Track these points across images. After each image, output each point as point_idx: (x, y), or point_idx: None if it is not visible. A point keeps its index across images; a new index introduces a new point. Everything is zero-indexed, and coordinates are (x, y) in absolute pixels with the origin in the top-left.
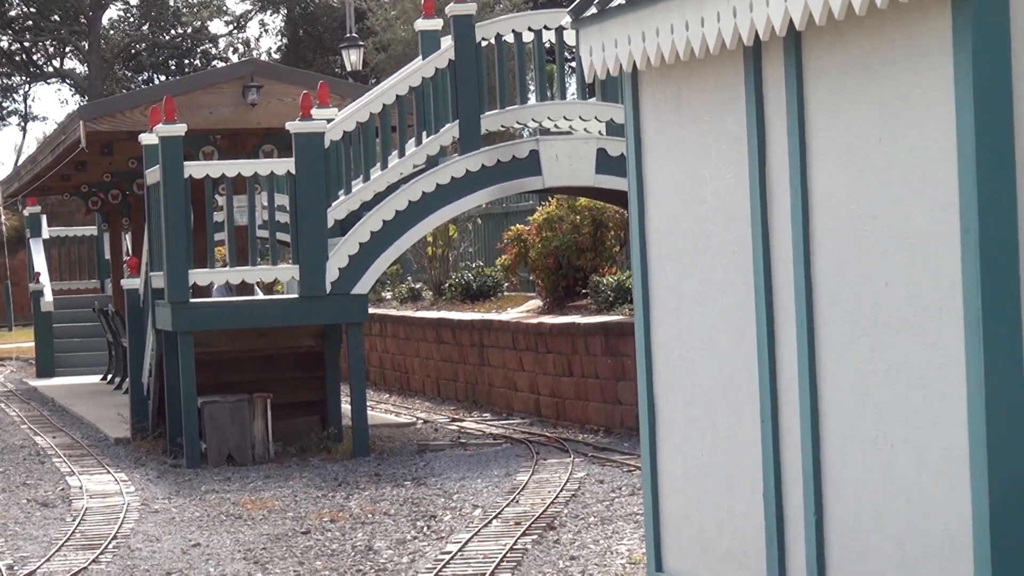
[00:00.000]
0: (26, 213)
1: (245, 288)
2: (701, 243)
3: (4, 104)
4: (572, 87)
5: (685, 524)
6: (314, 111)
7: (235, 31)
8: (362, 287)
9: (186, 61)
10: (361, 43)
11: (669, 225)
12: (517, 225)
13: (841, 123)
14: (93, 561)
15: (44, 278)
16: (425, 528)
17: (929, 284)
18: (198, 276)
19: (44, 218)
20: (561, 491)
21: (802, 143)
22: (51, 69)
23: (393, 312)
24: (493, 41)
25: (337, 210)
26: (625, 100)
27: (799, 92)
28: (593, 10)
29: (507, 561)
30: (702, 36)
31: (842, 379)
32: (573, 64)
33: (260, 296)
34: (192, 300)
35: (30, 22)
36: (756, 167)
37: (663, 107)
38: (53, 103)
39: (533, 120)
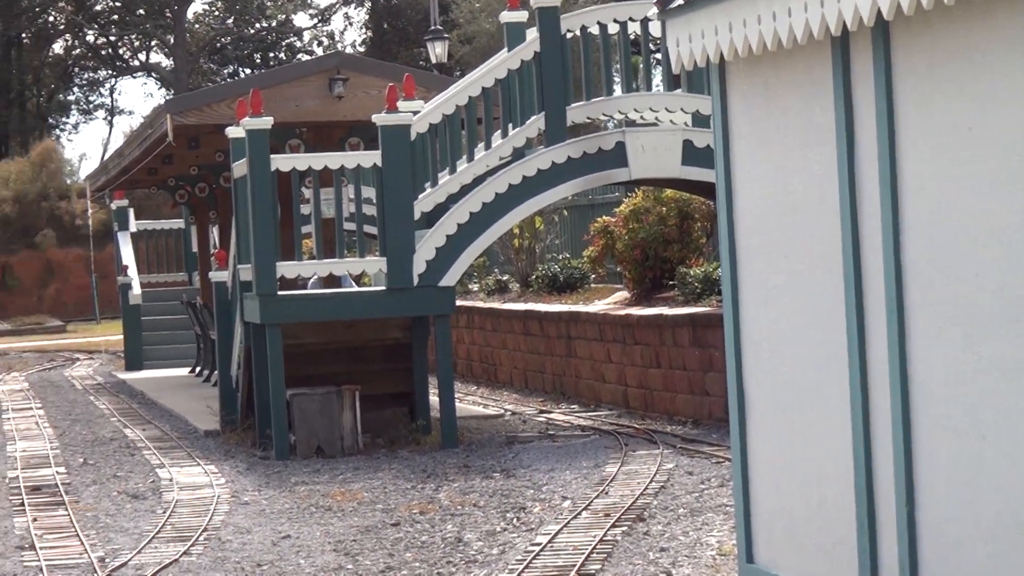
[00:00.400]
0: (113, 207)
1: (332, 280)
2: (790, 234)
3: (91, 98)
4: (657, 78)
5: (776, 516)
6: (400, 104)
7: (320, 24)
8: (449, 279)
9: (271, 54)
10: (446, 35)
11: (757, 216)
12: (603, 217)
13: (930, 114)
14: (184, 553)
15: (132, 271)
16: (515, 520)
17: (1020, 276)
18: (285, 268)
19: (131, 211)
20: (650, 482)
21: (891, 134)
22: (137, 63)
23: (480, 304)
24: (578, 33)
25: (424, 203)
26: (712, 91)
27: (888, 83)
28: (680, 1)
29: (597, 553)
30: (790, 26)
31: (932, 370)
32: (658, 55)
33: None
34: (280, 292)
35: (116, 16)
36: (845, 158)
37: (751, 98)
38: (139, 97)
39: (619, 112)
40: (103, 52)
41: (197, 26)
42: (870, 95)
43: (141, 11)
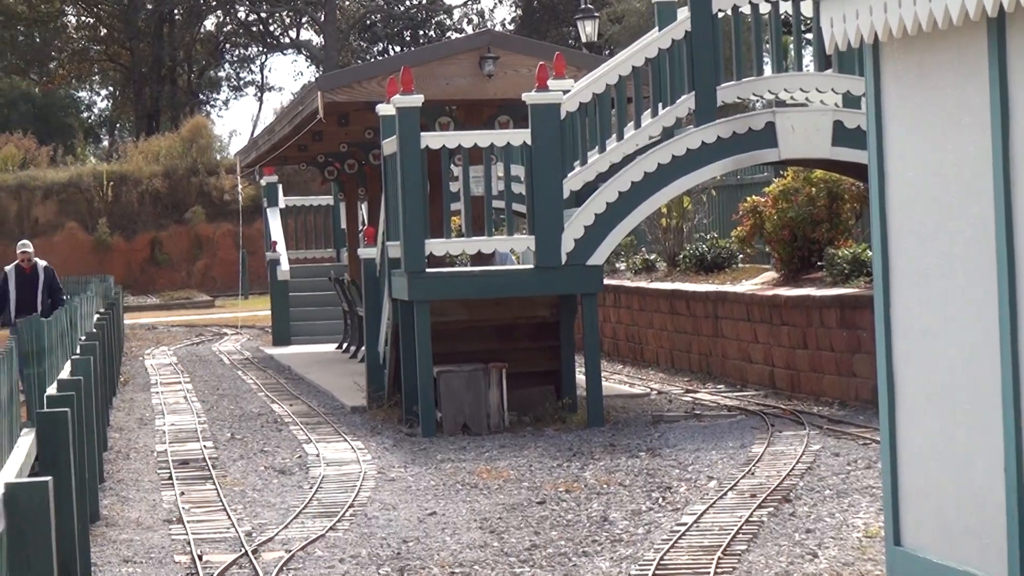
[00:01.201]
0: (263, 183)
1: (480, 258)
2: (942, 215)
3: (241, 75)
4: (807, 58)
5: (924, 499)
6: (550, 82)
7: (470, 2)
8: (597, 258)
9: (420, 32)
10: (596, 14)
11: (910, 197)
12: (752, 196)
13: None
14: (331, 529)
15: (280, 247)
16: (660, 499)
17: None
18: (434, 246)
19: (280, 188)
20: (796, 464)
21: None
22: (287, 40)
23: (627, 283)
24: (729, 12)
25: (572, 181)
26: (866, 71)
27: None
28: None
29: (743, 533)
30: (945, 6)
31: None
32: (809, 36)
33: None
34: (428, 270)
35: None
36: (999, 139)
37: (904, 78)
38: (288, 74)
39: (769, 92)
40: (254, 29)
41: (347, 3)
42: None
43: None
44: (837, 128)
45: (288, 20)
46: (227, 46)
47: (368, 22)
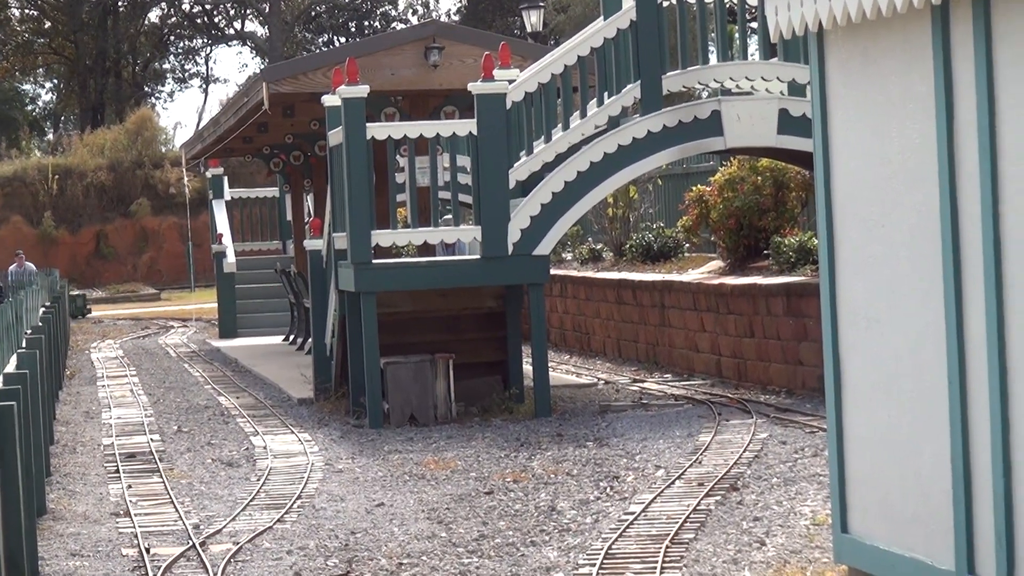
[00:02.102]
0: (208, 175)
1: (426, 249)
2: (887, 203)
3: (186, 67)
4: (753, 47)
5: (870, 486)
6: (496, 72)
7: None
8: (543, 248)
9: (366, 23)
10: (541, 3)
11: (855, 185)
12: (698, 186)
13: None
14: (278, 520)
15: (226, 239)
16: (608, 488)
17: None
18: (381, 237)
19: (226, 180)
20: (744, 452)
21: (991, 102)
22: (232, 32)
23: (574, 273)
24: (674, 1)
25: (519, 171)
26: (811, 59)
27: (987, 50)
28: None
29: (691, 522)
30: None
31: None
32: (754, 24)
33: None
34: (375, 261)
35: None
36: (944, 126)
37: (849, 66)
38: (233, 66)
39: (714, 80)
40: (198, 20)
41: None
42: (969, 63)
43: None
44: (783, 116)
45: (233, 11)
46: (172, 38)
47: (313, 13)
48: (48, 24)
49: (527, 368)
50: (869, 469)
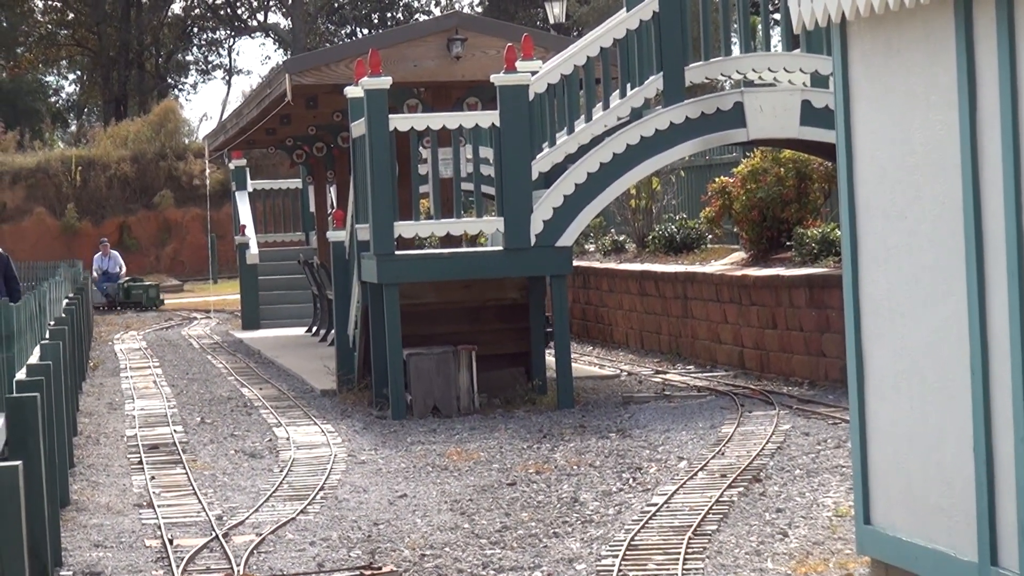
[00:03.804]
0: (231, 166)
1: (450, 240)
2: (910, 194)
3: (209, 58)
4: (775, 38)
5: (893, 477)
6: (518, 64)
7: None
8: (566, 239)
9: (388, 14)
10: None
11: (878, 176)
12: (721, 177)
13: None
14: (301, 512)
15: (249, 231)
16: (631, 480)
17: None
18: (403, 228)
19: (248, 171)
20: (767, 443)
21: (1014, 94)
22: (255, 23)
23: (597, 264)
24: None
25: (541, 163)
26: (834, 51)
27: (1011, 42)
28: None
29: (713, 513)
30: None
31: None
32: (777, 16)
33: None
34: (397, 252)
35: None
36: (966, 118)
37: (872, 58)
38: (256, 57)
39: (737, 72)
40: (221, 12)
41: None
42: (992, 54)
43: None
44: (805, 108)
45: (256, 3)
46: (195, 30)
47: (336, 5)
48: (71, 16)
49: (550, 360)
50: (892, 460)
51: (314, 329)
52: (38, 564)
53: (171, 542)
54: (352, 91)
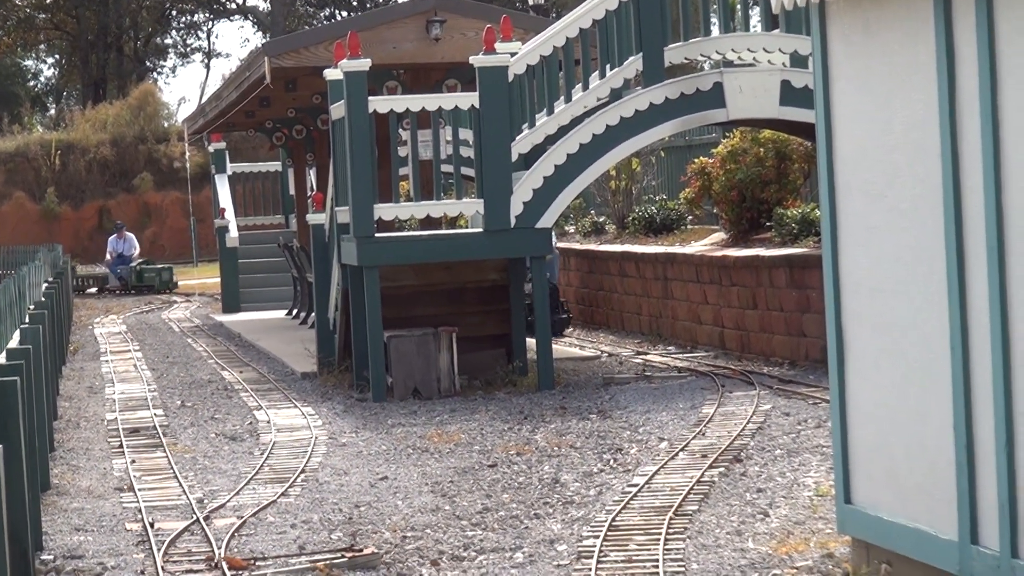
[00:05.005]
0: (211, 149)
1: (430, 222)
2: (890, 174)
3: (188, 41)
4: (755, 18)
5: (875, 456)
6: (497, 45)
7: None
8: (546, 221)
9: None
10: None
11: (857, 156)
12: (701, 158)
13: None
14: (282, 494)
15: (229, 214)
16: (611, 461)
17: None
18: (383, 211)
19: (227, 154)
20: (747, 424)
21: (992, 73)
22: (234, 6)
23: (576, 246)
24: None
25: (521, 144)
26: (812, 30)
27: (989, 20)
28: None
29: (694, 493)
30: None
31: None
32: None
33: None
34: (377, 234)
35: None
36: (946, 97)
37: (851, 37)
38: (235, 40)
39: (717, 52)
40: None
41: None
42: (971, 32)
43: None
44: (785, 88)
45: None
46: (173, 13)
47: None
48: None
49: (530, 341)
50: (873, 440)
51: (294, 312)
52: (18, 548)
53: (152, 525)
54: (331, 73)
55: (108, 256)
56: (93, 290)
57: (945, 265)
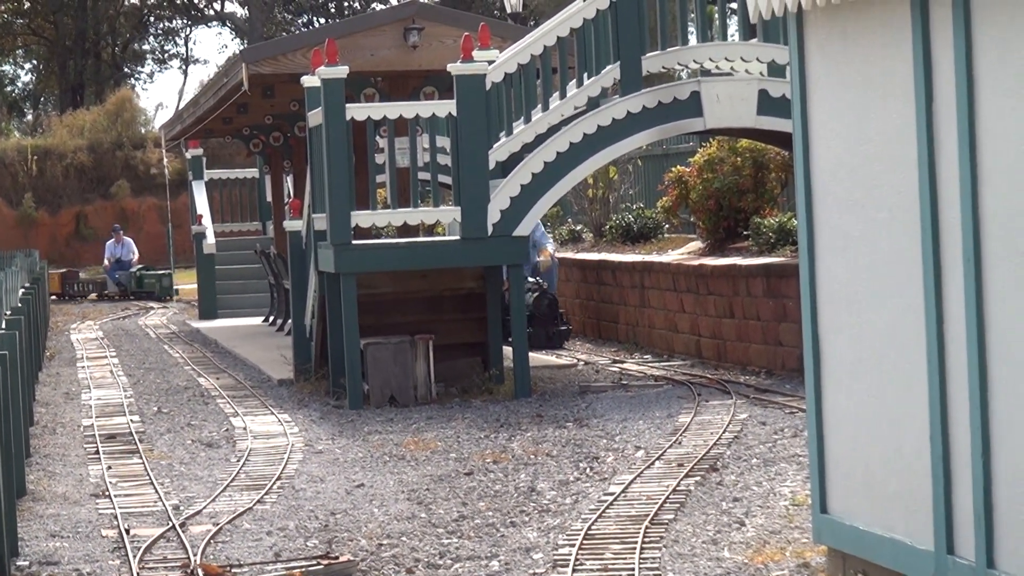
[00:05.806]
0: (188, 156)
1: (407, 230)
2: (867, 183)
3: (166, 48)
4: (732, 28)
5: (851, 465)
6: (475, 53)
7: None
8: (524, 229)
9: (345, 3)
10: None
11: (834, 166)
12: (678, 167)
13: (1010, 62)
14: (258, 501)
15: (206, 220)
16: (588, 469)
17: None
18: (360, 218)
19: (205, 161)
20: (724, 432)
21: (969, 83)
22: (212, 12)
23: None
24: None
25: (498, 152)
26: (790, 40)
27: (967, 32)
28: None
29: (670, 502)
30: None
31: (1011, 321)
32: (734, 5)
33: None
34: (354, 242)
35: None
36: (923, 108)
37: (829, 47)
38: (213, 47)
39: (694, 61)
40: (178, 1)
41: None
42: (949, 44)
43: None
44: (762, 97)
45: None
46: (151, 19)
47: None
48: (27, 5)
49: (507, 349)
50: (849, 449)
51: (271, 319)
52: None
53: (128, 532)
54: (309, 80)
55: (106, 261)
56: (93, 296)
57: (922, 274)
